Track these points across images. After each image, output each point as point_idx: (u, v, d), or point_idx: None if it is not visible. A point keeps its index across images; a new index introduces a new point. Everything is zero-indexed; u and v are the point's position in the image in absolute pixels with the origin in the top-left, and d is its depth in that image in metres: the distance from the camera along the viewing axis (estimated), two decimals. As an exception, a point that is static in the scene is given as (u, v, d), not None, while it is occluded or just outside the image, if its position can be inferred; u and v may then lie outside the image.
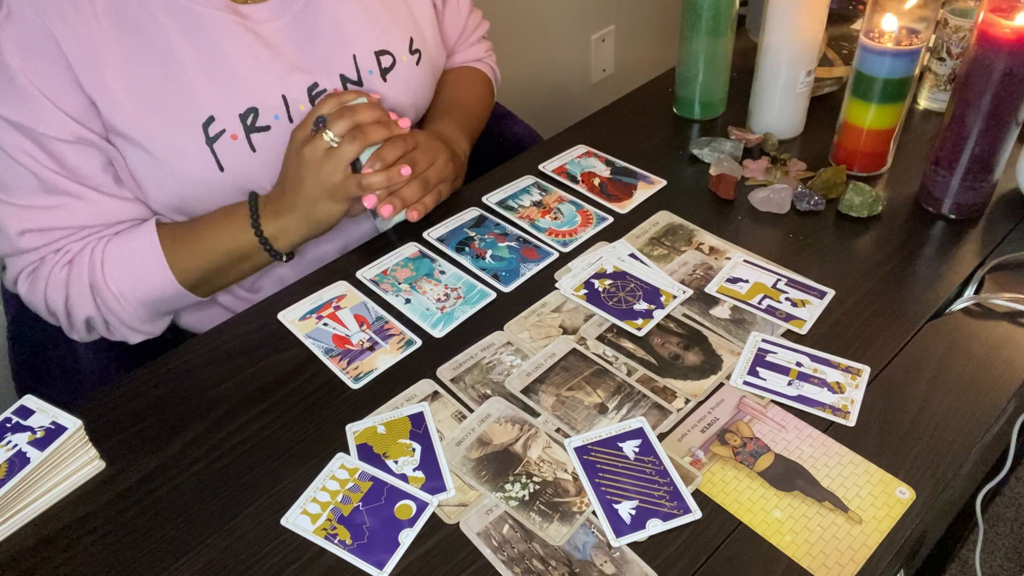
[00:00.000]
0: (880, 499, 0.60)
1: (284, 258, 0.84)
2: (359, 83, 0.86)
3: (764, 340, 0.73)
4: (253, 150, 0.79)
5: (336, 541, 0.60)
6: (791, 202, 0.88)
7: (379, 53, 0.87)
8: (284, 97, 0.80)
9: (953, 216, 0.86)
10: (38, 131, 0.72)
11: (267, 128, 0.80)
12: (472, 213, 0.90)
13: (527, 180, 0.95)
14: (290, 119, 0.81)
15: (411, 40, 0.90)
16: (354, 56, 0.85)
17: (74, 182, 0.76)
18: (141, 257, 0.79)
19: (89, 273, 0.78)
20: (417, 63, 0.91)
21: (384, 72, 0.88)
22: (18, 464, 0.61)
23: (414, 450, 0.65)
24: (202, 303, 0.94)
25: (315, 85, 0.82)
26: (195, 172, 0.78)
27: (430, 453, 0.65)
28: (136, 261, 0.79)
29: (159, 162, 0.77)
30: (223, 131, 0.77)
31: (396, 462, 0.65)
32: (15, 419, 0.65)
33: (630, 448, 0.64)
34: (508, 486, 0.62)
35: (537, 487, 0.62)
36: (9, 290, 0.87)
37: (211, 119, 0.77)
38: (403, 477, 0.64)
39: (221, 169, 0.79)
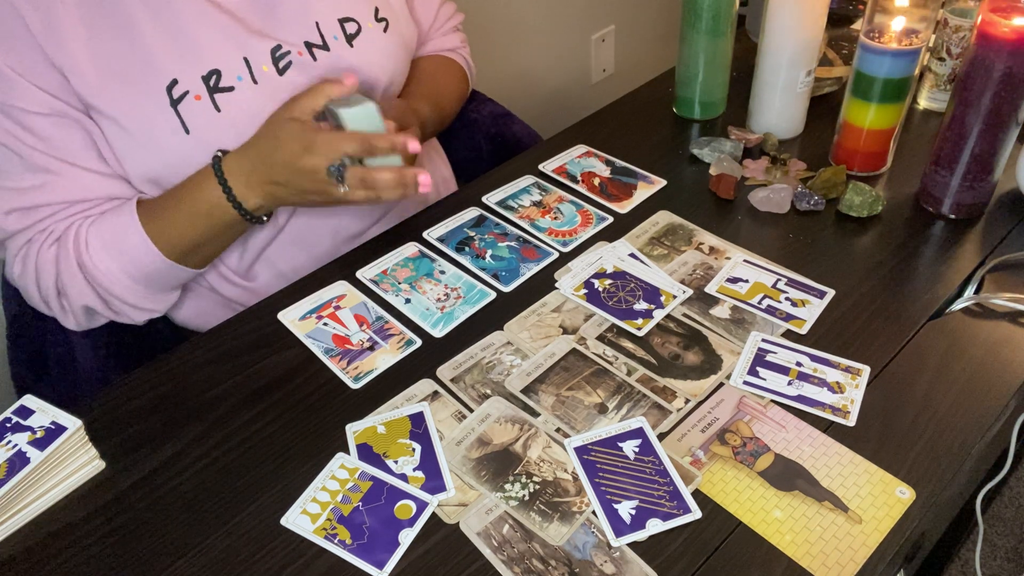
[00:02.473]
0: (880, 499, 0.60)
1: (265, 219, 0.83)
2: (325, 47, 0.85)
3: (764, 340, 0.73)
4: (218, 110, 0.79)
5: (336, 541, 0.60)
6: (791, 202, 0.88)
7: (343, 20, 0.87)
8: (246, 59, 0.81)
9: (953, 216, 0.86)
10: (15, 107, 0.73)
11: (231, 88, 0.80)
12: (472, 213, 0.90)
13: (527, 180, 0.95)
14: (254, 80, 0.81)
15: (376, 9, 0.90)
16: (317, 23, 0.85)
17: (55, 158, 0.76)
18: (123, 233, 0.79)
19: (75, 253, 0.78)
20: (385, 30, 0.91)
21: (349, 38, 0.88)
22: (18, 464, 0.61)
23: (414, 450, 0.65)
24: (197, 293, 0.94)
25: (279, 47, 0.82)
26: (163, 137, 0.78)
27: (430, 453, 0.65)
28: (119, 237, 0.79)
29: (130, 133, 0.78)
30: (187, 92, 0.78)
31: (396, 462, 0.65)
32: (15, 419, 0.65)
33: (630, 448, 0.64)
34: (508, 486, 0.62)
35: (537, 487, 0.62)
36: (9, 283, 0.87)
37: (174, 82, 0.77)
38: (403, 477, 0.64)
39: (187, 132, 0.79)
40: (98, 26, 0.75)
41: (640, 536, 0.59)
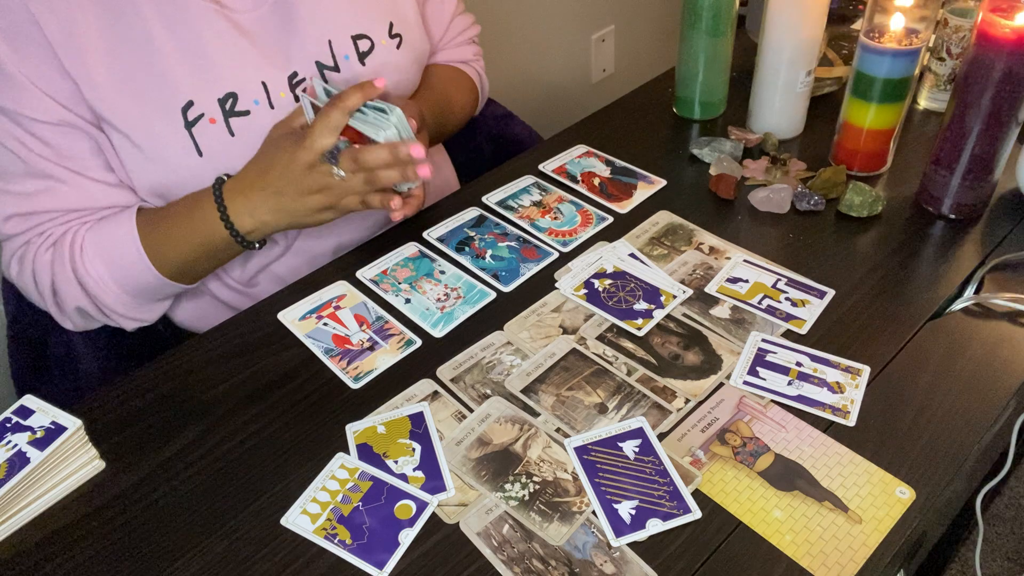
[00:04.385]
0: (880, 499, 0.60)
1: (257, 246, 0.82)
2: (335, 69, 0.85)
3: (764, 340, 0.73)
4: (232, 134, 0.79)
5: (336, 541, 0.60)
6: (791, 202, 0.88)
7: (356, 37, 0.86)
8: (264, 84, 0.80)
9: (953, 216, 0.86)
10: (24, 115, 0.73)
11: (246, 113, 0.79)
12: (472, 213, 0.90)
13: (527, 180, 0.95)
14: (271, 105, 0.81)
15: (391, 24, 0.89)
16: (329, 41, 0.85)
17: (60, 166, 0.76)
18: (120, 244, 0.79)
19: (70, 258, 0.78)
20: (398, 47, 0.90)
21: (362, 56, 0.87)
22: (18, 464, 0.61)
23: (414, 450, 0.65)
24: (197, 296, 0.94)
25: (295, 74, 0.82)
26: (175, 158, 0.78)
27: (430, 453, 0.65)
28: (115, 248, 0.79)
29: (140, 149, 0.77)
30: (202, 115, 0.77)
31: (396, 462, 0.65)
32: (15, 419, 0.65)
33: (630, 448, 0.64)
34: (508, 486, 0.62)
35: (537, 487, 0.62)
36: (10, 284, 0.87)
37: (190, 103, 0.77)
38: (403, 477, 0.64)
39: (200, 154, 0.78)
40: (116, 40, 0.74)
41: (640, 536, 0.59)
